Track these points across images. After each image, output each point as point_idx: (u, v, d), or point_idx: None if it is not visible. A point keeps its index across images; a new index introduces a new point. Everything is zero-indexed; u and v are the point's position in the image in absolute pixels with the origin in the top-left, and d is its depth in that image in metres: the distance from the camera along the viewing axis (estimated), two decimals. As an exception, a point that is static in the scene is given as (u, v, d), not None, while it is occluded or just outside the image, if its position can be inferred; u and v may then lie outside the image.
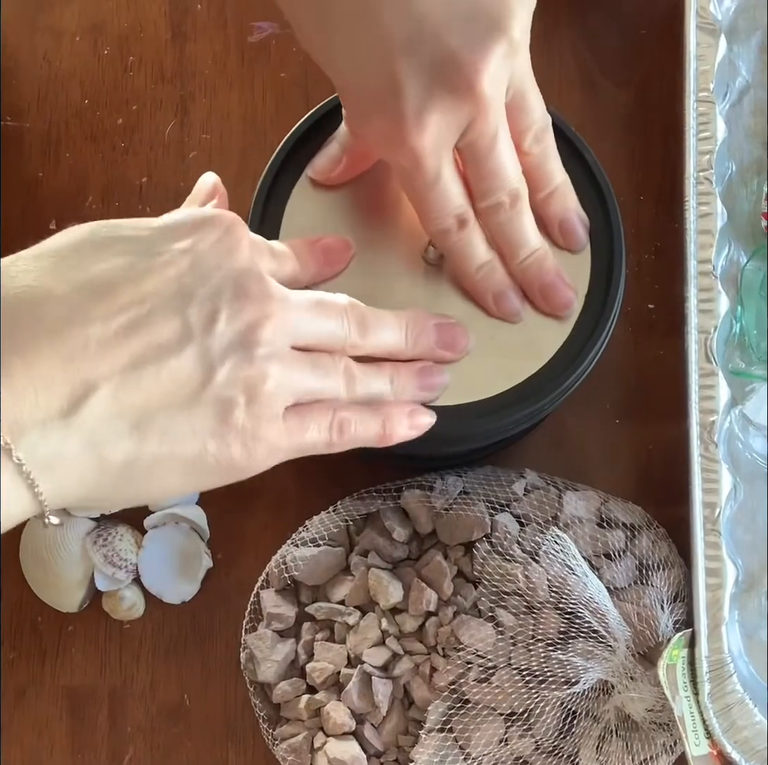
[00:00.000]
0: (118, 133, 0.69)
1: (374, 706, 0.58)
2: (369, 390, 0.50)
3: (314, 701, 0.59)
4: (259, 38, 0.70)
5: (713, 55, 0.61)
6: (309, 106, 0.57)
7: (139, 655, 0.64)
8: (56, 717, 0.63)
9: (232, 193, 0.67)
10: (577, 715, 0.58)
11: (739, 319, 0.60)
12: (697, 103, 0.61)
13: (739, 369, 0.60)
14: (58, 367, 0.42)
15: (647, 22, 0.68)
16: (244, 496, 0.64)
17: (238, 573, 0.64)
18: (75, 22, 0.70)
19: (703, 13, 0.62)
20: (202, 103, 0.69)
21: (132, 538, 0.63)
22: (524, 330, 0.54)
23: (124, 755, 0.63)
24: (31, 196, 0.68)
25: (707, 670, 0.56)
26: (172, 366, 0.44)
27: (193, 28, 0.70)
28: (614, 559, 0.59)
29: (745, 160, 0.63)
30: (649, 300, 0.64)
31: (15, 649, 0.64)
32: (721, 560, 0.56)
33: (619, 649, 0.56)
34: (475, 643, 0.57)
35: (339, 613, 0.59)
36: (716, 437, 0.57)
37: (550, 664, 0.56)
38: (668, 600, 0.58)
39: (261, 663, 0.59)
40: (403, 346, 0.51)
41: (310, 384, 0.48)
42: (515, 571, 0.57)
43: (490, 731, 0.57)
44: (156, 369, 0.44)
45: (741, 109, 0.64)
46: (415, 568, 0.59)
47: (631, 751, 0.56)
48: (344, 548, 0.61)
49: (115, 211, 0.68)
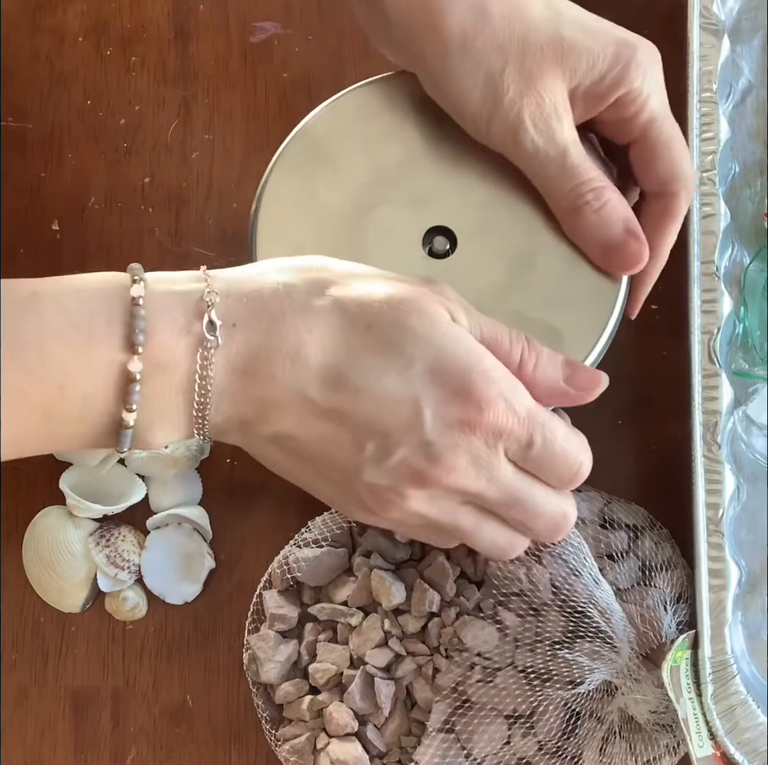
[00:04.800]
0: (120, 133, 0.69)
1: (377, 707, 0.58)
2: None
3: (317, 702, 0.59)
4: (261, 38, 0.70)
5: (716, 56, 0.61)
6: (311, 106, 0.57)
7: (142, 656, 0.64)
8: (59, 717, 0.63)
9: (234, 195, 0.68)
10: (581, 716, 0.57)
11: (742, 319, 0.60)
12: (700, 104, 0.61)
13: (742, 370, 0.60)
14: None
15: (650, 22, 0.68)
16: (247, 497, 0.64)
17: (240, 574, 0.64)
18: (77, 22, 0.70)
19: (706, 14, 0.61)
20: (205, 104, 0.69)
21: (135, 539, 0.63)
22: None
23: (127, 756, 0.63)
24: (34, 196, 0.68)
25: (710, 671, 0.56)
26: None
27: (195, 28, 0.70)
28: (617, 561, 0.59)
29: (748, 160, 0.63)
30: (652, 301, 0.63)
31: (17, 649, 0.64)
32: (724, 561, 0.56)
33: (623, 650, 0.56)
34: (478, 644, 0.57)
35: (342, 614, 0.59)
36: (719, 438, 0.57)
37: (555, 663, 0.56)
38: (671, 601, 0.58)
39: (264, 664, 0.59)
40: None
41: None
42: (518, 572, 0.57)
43: (493, 732, 0.57)
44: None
45: (744, 110, 0.64)
46: (418, 569, 0.59)
47: (635, 752, 0.56)
48: (347, 549, 0.61)
49: (117, 212, 0.68)
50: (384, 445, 0.47)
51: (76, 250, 0.67)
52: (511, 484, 0.49)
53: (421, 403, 0.46)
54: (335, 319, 0.46)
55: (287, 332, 0.45)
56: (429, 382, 0.46)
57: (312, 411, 0.46)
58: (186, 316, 0.45)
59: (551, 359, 0.50)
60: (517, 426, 0.47)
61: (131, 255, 0.67)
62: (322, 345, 0.46)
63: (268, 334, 0.45)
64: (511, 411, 0.47)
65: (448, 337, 0.47)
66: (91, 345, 0.44)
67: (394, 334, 0.46)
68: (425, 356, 0.46)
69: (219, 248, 0.67)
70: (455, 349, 0.47)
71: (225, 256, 0.67)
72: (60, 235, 0.68)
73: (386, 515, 0.49)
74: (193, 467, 0.64)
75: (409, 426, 0.46)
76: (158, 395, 0.45)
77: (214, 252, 0.67)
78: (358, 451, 0.47)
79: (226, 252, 0.67)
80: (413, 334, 0.46)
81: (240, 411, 0.46)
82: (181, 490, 0.64)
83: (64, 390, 0.44)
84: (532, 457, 0.49)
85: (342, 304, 0.46)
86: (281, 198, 0.56)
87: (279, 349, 0.45)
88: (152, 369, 0.44)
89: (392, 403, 0.46)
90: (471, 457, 0.47)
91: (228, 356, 0.45)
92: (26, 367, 0.43)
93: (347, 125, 0.56)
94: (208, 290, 0.45)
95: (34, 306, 0.44)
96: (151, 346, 0.44)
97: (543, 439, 0.48)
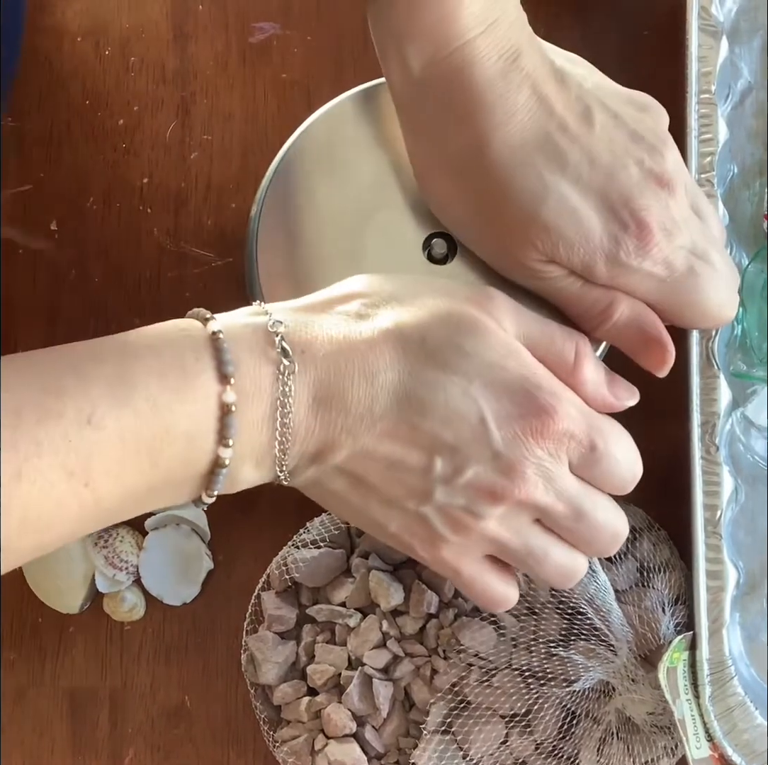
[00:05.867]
0: (119, 133, 0.69)
1: (375, 708, 0.58)
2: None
3: (315, 703, 0.59)
4: (260, 39, 0.70)
5: (715, 57, 0.61)
6: (311, 107, 0.57)
7: (140, 657, 0.64)
8: (57, 718, 0.63)
9: (233, 195, 0.68)
10: (578, 716, 0.58)
11: (741, 321, 0.59)
12: (698, 105, 0.61)
13: (740, 371, 0.59)
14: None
15: (648, 23, 0.68)
16: (245, 498, 0.64)
17: (238, 575, 0.64)
18: (76, 22, 0.70)
19: (704, 15, 0.61)
20: (204, 104, 0.69)
21: (133, 539, 0.63)
22: None
23: (125, 757, 0.63)
24: (32, 196, 0.68)
25: (708, 672, 0.56)
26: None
27: (194, 28, 0.70)
28: (615, 562, 0.59)
29: (747, 162, 0.63)
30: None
31: (15, 650, 0.64)
32: (722, 563, 0.56)
33: (621, 651, 0.56)
34: (476, 645, 0.57)
35: (340, 615, 0.59)
36: (717, 439, 0.57)
37: (551, 662, 0.56)
38: (669, 603, 0.58)
39: (262, 665, 0.59)
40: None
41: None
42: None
43: (491, 733, 0.57)
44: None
45: (743, 111, 0.63)
46: (416, 570, 0.59)
47: (632, 753, 0.56)
48: (345, 550, 0.61)
49: (116, 212, 0.68)
50: (453, 461, 0.47)
51: (74, 250, 0.67)
52: (577, 494, 0.49)
53: (485, 416, 0.46)
54: (392, 339, 0.46)
55: (351, 356, 0.46)
56: (488, 396, 0.46)
57: (380, 433, 0.46)
58: (260, 345, 0.45)
59: (597, 362, 0.51)
60: (578, 431, 0.48)
61: (130, 255, 0.67)
62: (384, 365, 0.46)
63: (336, 360, 0.46)
64: (569, 417, 0.47)
65: (498, 349, 0.47)
66: (187, 382, 0.44)
67: (448, 351, 0.46)
68: (479, 372, 0.46)
69: (217, 248, 0.67)
70: (506, 362, 0.47)
71: (223, 257, 0.67)
72: (59, 235, 0.68)
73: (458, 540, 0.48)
74: (192, 468, 0.64)
75: (476, 439, 0.46)
76: (245, 430, 0.45)
77: (213, 252, 0.67)
78: (428, 472, 0.47)
79: (224, 252, 0.67)
80: (463, 351, 0.46)
81: (315, 441, 0.46)
82: (179, 490, 0.64)
83: (170, 431, 0.43)
84: (596, 462, 0.49)
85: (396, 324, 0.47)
86: (282, 202, 0.56)
87: (347, 373, 0.46)
88: (241, 401, 0.44)
89: (457, 417, 0.46)
90: (538, 468, 0.47)
91: (303, 383, 0.46)
92: (136, 410, 0.43)
93: (348, 129, 0.56)
94: (272, 320, 0.46)
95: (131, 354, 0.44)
96: (239, 377, 0.44)
97: (605, 442, 0.48)
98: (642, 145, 0.51)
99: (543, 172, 0.50)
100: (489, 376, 0.47)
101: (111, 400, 0.42)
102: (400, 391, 0.46)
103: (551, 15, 0.67)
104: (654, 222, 0.50)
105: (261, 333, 0.46)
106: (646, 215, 0.50)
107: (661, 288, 0.51)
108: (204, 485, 0.46)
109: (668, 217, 0.50)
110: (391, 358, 0.46)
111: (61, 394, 0.42)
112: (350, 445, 0.46)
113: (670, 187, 0.51)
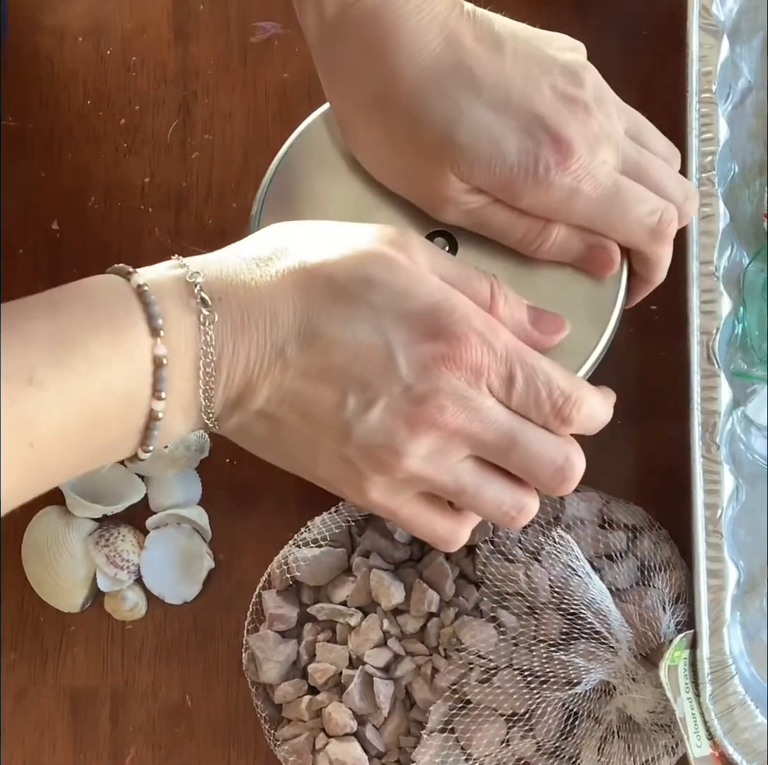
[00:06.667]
0: (120, 133, 0.69)
1: (376, 707, 0.58)
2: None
3: (316, 702, 0.59)
4: (261, 38, 0.70)
5: (716, 56, 0.61)
6: (312, 106, 0.57)
7: (141, 656, 0.64)
8: (58, 717, 0.63)
9: (234, 195, 0.68)
10: (579, 716, 0.58)
11: (741, 320, 0.60)
12: (699, 105, 0.61)
13: (740, 370, 0.60)
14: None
15: (649, 22, 0.68)
16: (246, 497, 0.64)
17: (240, 574, 0.64)
18: (78, 22, 0.70)
19: (705, 14, 0.61)
20: (205, 104, 0.69)
21: (134, 538, 0.63)
22: None
23: (126, 755, 0.63)
24: (33, 196, 0.68)
25: (709, 671, 0.56)
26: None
27: (195, 28, 0.70)
28: (616, 561, 0.59)
29: (747, 161, 0.63)
30: (651, 301, 0.63)
31: (17, 649, 0.64)
32: (722, 561, 0.56)
33: (621, 651, 0.56)
34: (477, 644, 0.57)
35: (341, 613, 0.59)
36: (718, 438, 0.57)
37: (551, 665, 0.56)
38: (670, 601, 0.58)
39: (263, 664, 0.60)
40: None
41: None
42: (517, 572, 0.57)
43: (492, 732, 0.57)
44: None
45: (743, 111, 0.63)
46: (417, 569, 0.59)
47: (633, 752, 0.56)
48: (346, 549, 0.61)
49: (117, 212, 0.68)
50: (365, 396, 0.46)
51: (75, 249, 0.67)
52: (504, 422, 0.48)
53: (392, 347, 0.46)
54: (299, 279, 0.47)
55: (262, 299, 0.46)
56: (397, 326, 0.46)
57: (293, 373, 0.46)
58: (182, 296, 0.46)
59: (517, 300, 0.50)
60: (495, 360, 0.47)
61: (130, 255, 0.67)
62: (293, 306, 0.46)
63: (248, 305, 0.46)
64: (486, 345, 0.47)
65: (409, 280, 0.47)
66: (121, 337, 0.44)
67: (356, 285, 0.46)
68: (390, 302, 0.46)
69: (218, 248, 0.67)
70: (417, 291, 0.47)
71: (224, 256, 0.67)
72: (60, 235, 0.68)
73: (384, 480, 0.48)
74: (193, 467, 0.65)
75: (385, 372, 0.46)
76: (175, 381, 0.45)
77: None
78: (341, 409, 0.47)
79: (225, 252, 0.67)
80: (374, 282, 0.46)
81: (235, 387, 0.47)
82: (180, 490, 0.64)
83: (108, 389, 0.44)
84: (517, 394, 0.48)
85: (303, 263, 0.47)
86: (282, 201, 0.56)
87: (258, 317, 0.46)
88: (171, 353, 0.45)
89: (365, 351, 0.46)
90: (456, 397, 0.46)
91: (222, 331, 0.46)
92: (75, 370, 0.43)
93: None
94: (190, 272, 0.46)
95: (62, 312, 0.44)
96: (167, 329, 0.45)
97: (524, 374, 0.48)
98: (555, 70, 0.51)
99: (456, 97, 0.50)
100: (399, 305, 0.46)
101: (50, 359, 0.42)
102: (308, 331, 0.46)
103: (551, 15, 0.67)
104: (571, 136, 0.50)
105: (181, 284, 0.46)
106: (562, 131, 0.50)
107: (588, 206, 0.51)
108: (140, 441, 0.46)
109: (588, 133, 0.50)
110: (295, 299, 0.46)
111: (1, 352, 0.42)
112: (267, 388, 0.47)
113: (587, 107, 0.50)
